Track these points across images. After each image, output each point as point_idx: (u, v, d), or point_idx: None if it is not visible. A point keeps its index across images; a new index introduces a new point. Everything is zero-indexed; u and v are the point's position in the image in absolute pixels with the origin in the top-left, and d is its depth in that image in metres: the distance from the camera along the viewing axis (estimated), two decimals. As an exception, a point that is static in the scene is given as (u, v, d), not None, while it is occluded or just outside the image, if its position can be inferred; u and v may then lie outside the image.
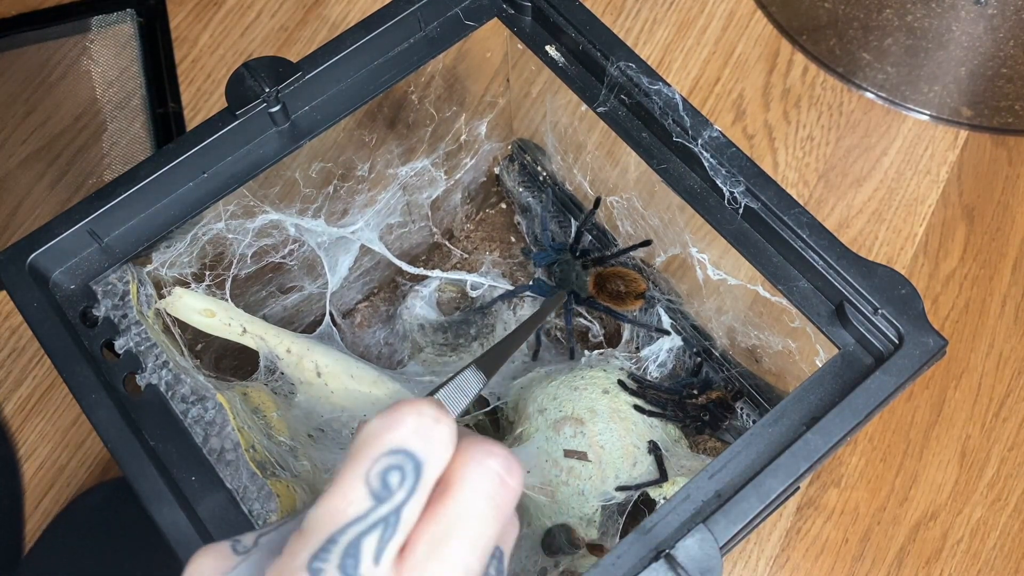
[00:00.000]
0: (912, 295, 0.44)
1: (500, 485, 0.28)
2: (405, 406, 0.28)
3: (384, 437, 0.27)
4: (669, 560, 0.39)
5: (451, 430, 0.28)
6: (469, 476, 0.28)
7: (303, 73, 0.49)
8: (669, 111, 0.48)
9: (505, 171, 0.71)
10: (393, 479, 0.27)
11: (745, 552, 0.65)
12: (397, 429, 0.27)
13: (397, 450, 0.27)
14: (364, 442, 0.27)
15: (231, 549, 0.30)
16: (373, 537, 0.26)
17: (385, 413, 0.28)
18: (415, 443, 0.27)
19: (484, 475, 0.28)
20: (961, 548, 0.65)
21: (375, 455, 0.27)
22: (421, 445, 0.27)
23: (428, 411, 0.28)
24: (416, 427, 0.27)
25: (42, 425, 0.69)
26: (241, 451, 0.45)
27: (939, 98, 0.78)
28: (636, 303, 0.60)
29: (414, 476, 0.27)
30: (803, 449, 0.41)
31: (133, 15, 0.83)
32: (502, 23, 0.53)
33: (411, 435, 0.27)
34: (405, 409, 0.28)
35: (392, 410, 0.28)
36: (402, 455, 0.27)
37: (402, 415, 0.27)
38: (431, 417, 0.28)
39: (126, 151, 0.78)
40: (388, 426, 0.27)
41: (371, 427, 0.28)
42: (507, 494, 0.29)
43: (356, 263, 0.65)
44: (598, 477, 0.55)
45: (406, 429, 0.27)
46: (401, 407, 0.28)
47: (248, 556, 0.29)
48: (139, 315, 0.47)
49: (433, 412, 0.28)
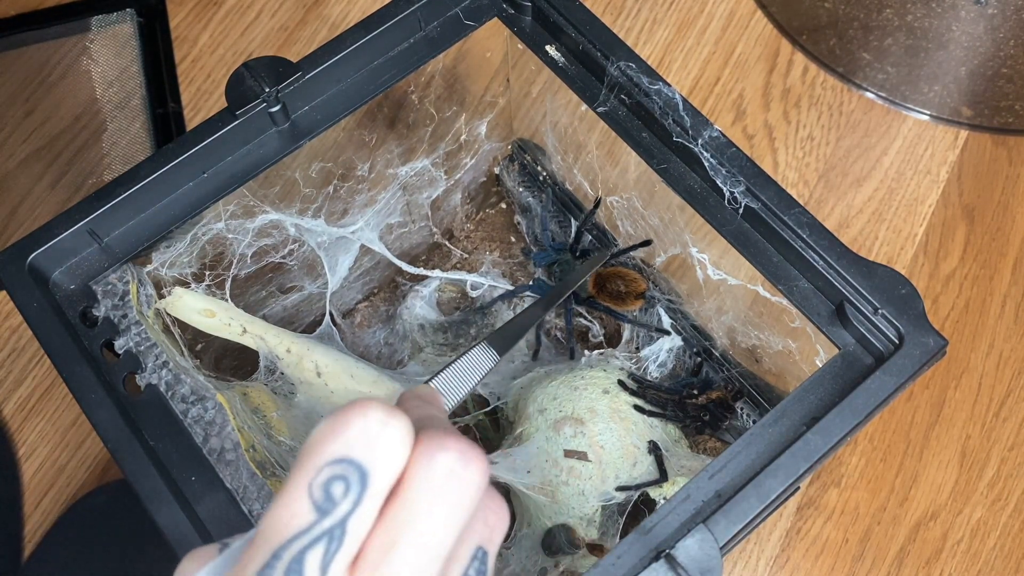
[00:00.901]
0: (912, 295, 0.44)
1: (453, 480, 0.27)
2: (351, 409, 0.26)
3: (327, 445, 0.26)
4: (669, 560, 0.39)
5: (401, 433, 0.26)
6: (417, 474, 0.26)
7: (303, 73, 0.49)
8: (669, 111, 0.48)
9: (505, 171, 0.71)
10: (336, 490, 0.25)
11: (745, 552, 0.65)
12: (340, 436, 0.26)
13: (340, 459, 0.25)
14: (308, 450, 0.26)
15: (218, 551, 0.29)
16: (317, 551, 0.25)
17: (330, 417, 0.26)
18: (359, 451, 0.26)
19: (434, 470, 0.26)
20: (961, 548, 0.65)
21: (318, 464, 0.25)
22: (365, 453, 0.26)
23: (375, 414, 0.26)
24: (361, 433, 0.26)
25: (42, 425, 0.69)
26: (241, 451, 0.45)
27: (939, 98, 0.78)
28: (636, 303, 0.60)
29: (359, 486, 0.25)
30: (803, 449, 0.41)
31: (133, 15, 0.83)
32: (502, 23, 0.53)
33: (355, 442, 0.26)
34: (350, 413, 0.26)
35: (337, 414, 0.26)
36: (345, 464, 0.25)
37: (346, 420, 0.26)
38: (377, 421, 0.26)
39: (126, 151, 0.78)
40: (331, 433, 0.26)
41: (315, 434, 0.26)
42: (464, 489, 0.27)
43: (356, 263, 0.65)
44: (598, 477, 0.55)
45: (350, 436, 0.26)
46: (347, 411, 0.26)
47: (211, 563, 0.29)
48: (139, 315, 0.47)
49: (380, 415, 0.26)
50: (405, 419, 0.26)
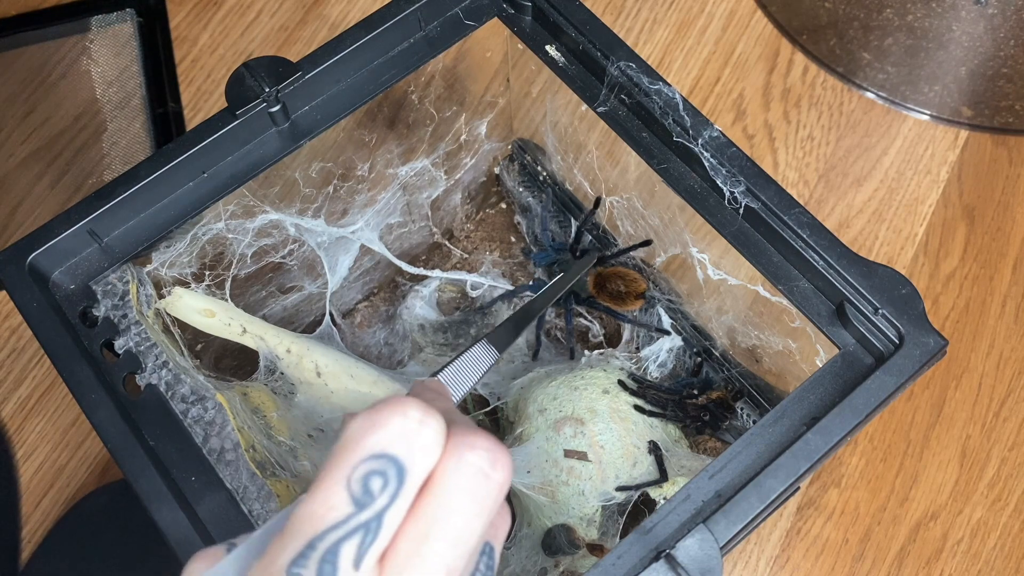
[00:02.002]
0: (912, 295, 0.44)
1: (482, 479, 0.27)
2: (390, 407, 0.27)
3: (367, 440, 0.26)
4: (669, 560, 0.39)
5: (437, 433, 0.27)
6: (449, 472, 0.27)
7: (303, 73, 0.49)
8: (669, 111, 0.48)
9: (505, 171, 0.71)
10: (375, 484, 0.26)
11: (745, 552, 0.65)
12: (380, 432, 0.26)
13: (380, 455, 0.26)
14: (346, 444, 0.26)
15: (226, 552, 0.29)
16: (352, 543, 0.26)
17: (369, 413, 0.27)
18: (399, 448, 0.26)
19: (464, 470, 0.27)
20: (961, 548, 0.65)
21: (357, 459, 0.26)
22: (405, 450, 0.26)
23: (413, 413, 0.27)
24: (400, 431, 0.26)
25: (42, 425, 0.69)
26: (241, 451, 0.45)
27: (939, 98, 0.78)
28: (636, 303, 0.60)
29: (397, 482, 0.26)
30: (803, 449, 0.41)
31: (133, 15, 0.83)
32: (502, 23, 0.53)
33: (395, 439, 0.26)
34: (389, 410, 0.27)
35: (376, 411, 0.27)
36: (385, 460, 0.26)
37: (386, 417, 0.27)
38: (416, 420, 0.27)
39: (126, 151, 0.78)
40: (371, 428, 0.26)
41: (354, 428, 0.27)
42: (491, 488, 0.28)
43: (356, 263, 0.65)
44: (598, 477, 0.55)
45: (390, 432, 0.26)
46: (385, 408, 0.27)
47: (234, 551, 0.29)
48: (139, 315, 0.47)
49: (418, 414, 0.27)
50: (440, 418, 0.27)
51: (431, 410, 0.27)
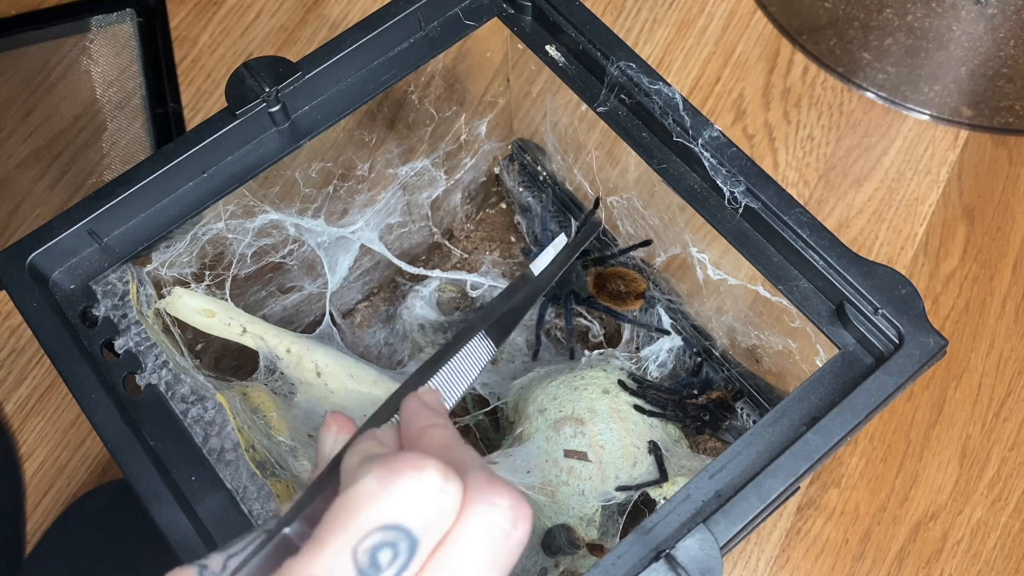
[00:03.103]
0: (912, 295, 0.44)
1: (503, 540, 0.25)
2: (407, 470, 0.24)
3: (379, 508, 0.24)
4: (669, 560, 0.39)
5: (455, 499, 0.24)
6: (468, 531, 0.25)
7: (303, 73, 0.49)
8: (669, 111, 0.48)
9: (505, 171, 0.71)
10: (383, 557, 0.23)
11: (745, 552, 0.65)
12: (395, 500, 0.24)
13: (391, 526, 0.23)
14: (355, 506, 0.24)
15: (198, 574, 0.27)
16: None
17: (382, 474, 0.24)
18: (413, 520, 0.24)
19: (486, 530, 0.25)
20: (961, 548, 0.65)
21: (366, 528, 0.23)
22: (419, 522, 0.24)
23: (433, 480, 0.24)
24: (417, 500, 0.24)
25: (42, 425, 0.69)
26: (241, 451, 0.45)
27: (939, 98, 0.78)
28: (636, 303, 0.60)
29: (407, 554, 0.24)
30: (803, 449, 0.41)
31: (133, 15, 0.83)
32: (502, 23, 0.53)
33: (410, 509, 0.24)
34: (407, 475, 0.24)
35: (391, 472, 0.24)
36: (396, 531, 0.23)
37: (399, 481, 0.24)
38: (436, 488, 0.24)
39: (126, 151, 0.78)
40: (383, 493, 0.24)
41: (364, 489, 0.24)
42: (512, 548, 0.25)
43: (356, 263, 0.65)
44: (598, 477, 0.55)
45: (405, 501, 0.24)
46: (402, 471, 0.24)
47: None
48: (139, 315, 0.47)
49: (438, 481, 0.24)
50: (459, 481, 0.25)
51: (450, 473, 0.24)
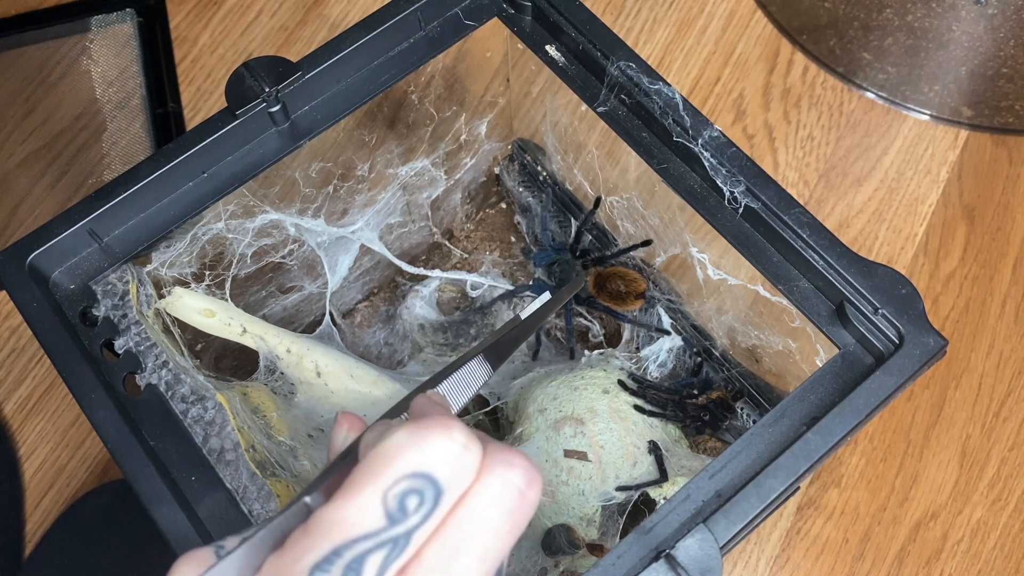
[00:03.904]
0: (912, 295, 0.44)
1: (518, 497, 0.27)
2: (436, 427, 0.26)
3: (409, 457, 0.26)
4: (669, 560, 0.39)
5: (477, 458, 0.27)
6: (487, 487, 0.27)
7: (303, 73, 0.49)
8: (669, 111, 0.48)
9: (505, 171, 0.71)
10: (411, 503, 0.26)
11: (745, 552, 0.65)
12: (425, 451, 0.26)
13: (420, 474, 0.26)
14: (387, 456, 0.26)
15: (214, 554, 0.29)
16: (379, 556, 0.26)
17: (413, 429, 0.26)
18: (440, 470, 0.26)
19: (504, 487, 0.27)
20: (961, 548, 0.65)
21: (397, 474, 0.26)
22: (446, 473, 0.26)
23: (459, 436, 0.27)
24: (445, 453, 0.26)
25: (42, 425, 0.69)
26: (241, 451, 0.45)
27: (939, 98, 0.78)
28: (636, 303, 0.60)
29: (432, 503, 0.26)
30: (803, 449, 0.41)
31: (133, 15, 0.83)
32: (502, 23, 0.53)
33: (438, 461, 0.26)
34: (435, 430, 0.26)
35: (421, 428, 0.26)
36: (424, 480, 0.26)
37: (432, 437, 0.26)
38: (461, 444, 0.26)
39: (126, 151, 0.78)
40: (415, 445, 0.26)
41: (396, 441, 0.26)
42: (525, 508, 0.28)
43: (356, 263, 0.65)
44: (598, 477, 0.55)
45: (434, 453, 0.26)
46: (431, 427, 0.26)
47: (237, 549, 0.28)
48: (139, 315, 0.47)
49: (463, 438, 0.27)
50: (480, 444, 0.27)
51: (473, 435, 0.27)
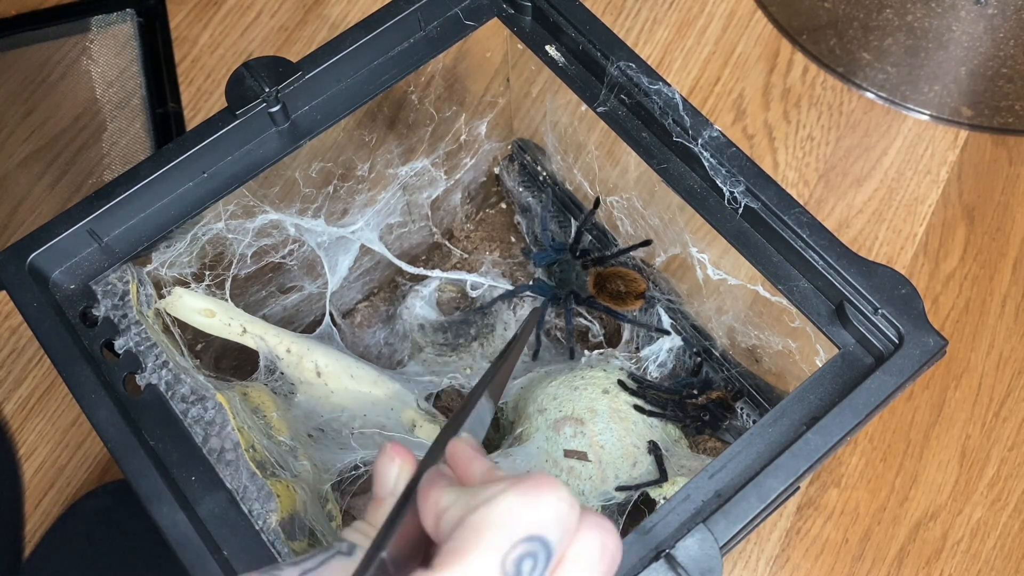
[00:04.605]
0: (912, 295, 0.44)
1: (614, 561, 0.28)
2: (546, 487, 0.27)
3: (526, 520, 0.26)
4: (669, 560, 0.39)
5: (578, 514, 0.28)
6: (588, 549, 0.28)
7: (303, 73, 0.49)
8: (669, 111, 0.48)
9: (505, 171, 0.71)
10: (526, 567, 0.26)
11: (745, 552, 0.65)
12: (540, 513, 0.27)
13: (535, 537, 0.26)
14: (503, 522, 0.26)
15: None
16: None
17: (525, 490, 0.27)
18: (553, 531, 0.27)
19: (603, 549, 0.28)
20: (961, 548, 0.65)
21: (514, 539, 0.26)
22: (557, 534, 0.27)
23: (566, 496, 0.27)
24: (556, 513, 0.27)
25: (42, 425, 0.69)
26: (241, 451, 0.45)
27: (939, 98, 0.78)
28: (636, 303, 0.60)
29: (544, 564, 0.27)
30: (803, 449, 0.41)
31: (133, 15, 0.83)
32: (502, 23, 0.53)
33: (551, 522, 0.27)
34: (547, 491, 0.27)
35: (532, 488, 0.27)
36: (538, 542, 0.26)
37: (544, 497, 0.27)
38: (569, 503, 0.27)
39: (126, 151, 0.78)
40: (531, 508, 0.27)
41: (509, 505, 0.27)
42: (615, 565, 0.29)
43: (356, 263, 0.65)
44: (598, 477, 0.55)
45: (548, 514, 0.27)
46: (542, 487, 0.27)
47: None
48: (139, 315, 0.47)
49: (570, 497, 0.27)
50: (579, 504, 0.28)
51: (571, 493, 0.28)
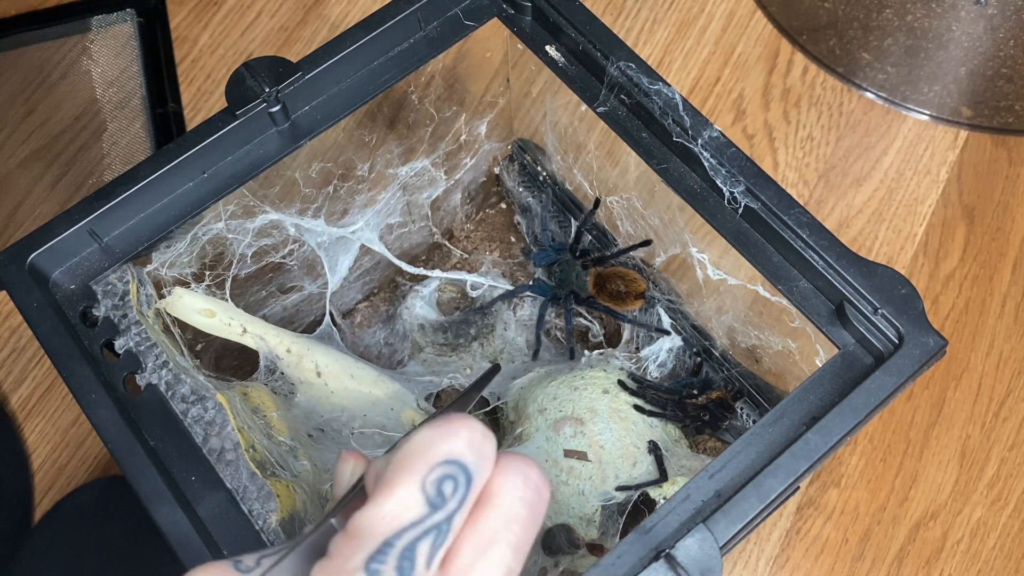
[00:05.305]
0: (912, 295, 0.44)
1: (538, 495, 0.30)
2: (458, 419, 0.29)
3: (440, 447, 0.28)
4: (669, 560, 0.39)
5: (495, 446, 0.29)
6: (511, 485, 0.29)
7: (303, 73, 0.49)
8: (669, 111, 0.48)
9: (505, 171, 0.71)
10: (447, 488, 0.28)
11: (745, 552, 0.65)
12: (452, 441, 0.28)
13: (451, 461, 0.28)
14: (418, 450, 0.28)
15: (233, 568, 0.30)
16: (427, 542, 0.27)
17: (438, 424, 0.29)
18: (468, 456, 0.28)
19: (526, 485, 0.30)
20: (961, 548, 0.65)
21: (431, 463, 0.28)
22: (473, 458, 0.28)
23: (479, 427, 0.29)
24: (469, 440, 0.28)
25: (42, 425, 0.69)
26: (241, 451, 0.45)
27: (939, 98, 0.78)
28: (636, 303, 0.60)
29: (465, 487, 0.28)
30: (803, 449, 0.41)
31: (133, 15, 0.83)
32: (502, 23, 0.53)
33: (465, 448, 0.28)
34: (458, 422, 0.29)
35: (446, 422, 0.29)
36: (455, 466, 0.28)
37: (456, 428, 0.28)
38: (481, 433, 0.29)
39: (126, 151, 0.78)
40: (443, 437, 0.28)
41: (424, 436, 0.28)
42: (542, 504, 0.30)
43: (356, 263, 0.65)
44: (598, 477, 0.55)
45: (460, 442, 0.28)
46: (454, 420, 0.29)
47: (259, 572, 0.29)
48: (139, 315, 0.47)
49: (483, 428, 0.29)
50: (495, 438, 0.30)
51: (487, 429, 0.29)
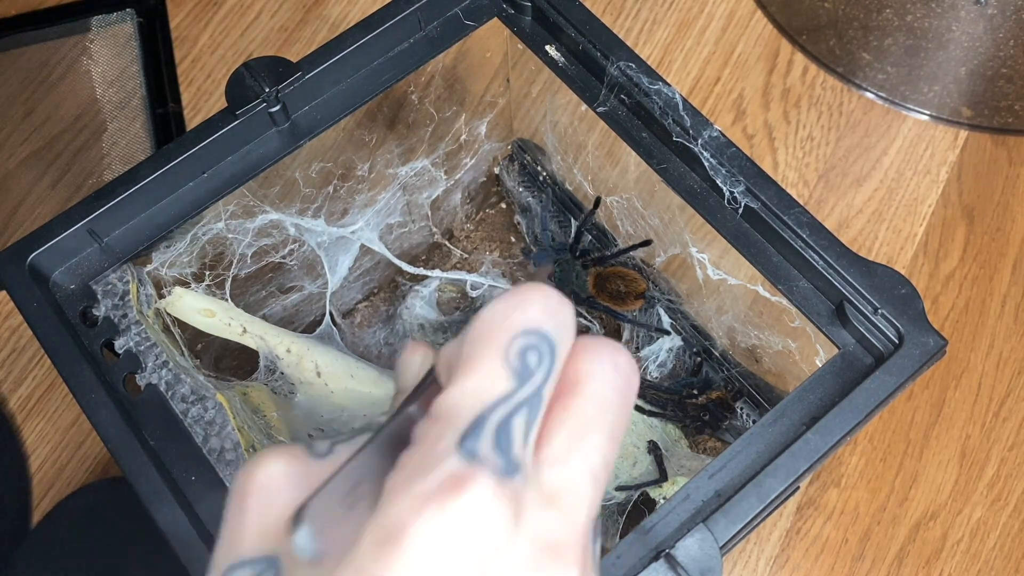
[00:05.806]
0: (912, 295, 0.44)
1: (628, 382, 0.27)
2: (529, 287, 0.26)
3: (516, 317, 0.26)
4: (669, 560, 0.39)
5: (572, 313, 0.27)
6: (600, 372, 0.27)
7: (303, 73, 0.49)
8: (669, 111, 0.48)
9: (505, 171, 0.71)
10: (532, 359, 0.25)
11: (745, 552, 0.65)
12: (528, 309, 0.26)
13: (531, 330, 0.26)
14: (494, 324, 0.26)
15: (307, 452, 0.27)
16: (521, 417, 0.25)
17: (510, 295, 0.26)
18: (548, 323, 0.26)
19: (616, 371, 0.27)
20: (961, 548, 0.65)
21: (511, 335, 0.26)
22: (553, 325, 0.26)
23: (553, 293, 0.27)
24: (544, 307, 0.26)
25: (42, 425, 0.69)
26: (241, 451, 0.45)
27: (939, 98, 0.78)
28: (636, 303, 0.60)
29: (550, 357, 0.26)
30: (803, 449, 0.41)
31: (133, 15, 0.83)
32: (502, 23, 0.53)
33: (542, 315, 0.26)
34: (531, 290, 0.26)
35: (518, 291, 0.26)
36: (536, 335, 0.26)
37: (530, 296, 0.26)
38: (557, 299, 0.26)
39: (126, 151, 0.78)
40: (517, 306, 0.26)
41: (498, 309, 0.26)
42: (632, 393, 0.28)
43: (356, 263, 0.65)
44: (598, 477, 0.55)
45: (536, 308, 0.26)
46: (525, 288, 0.26)
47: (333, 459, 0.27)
48: (139, 315, 0.47)
49: (557, 294, 0.27)
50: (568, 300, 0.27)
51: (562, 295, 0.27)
